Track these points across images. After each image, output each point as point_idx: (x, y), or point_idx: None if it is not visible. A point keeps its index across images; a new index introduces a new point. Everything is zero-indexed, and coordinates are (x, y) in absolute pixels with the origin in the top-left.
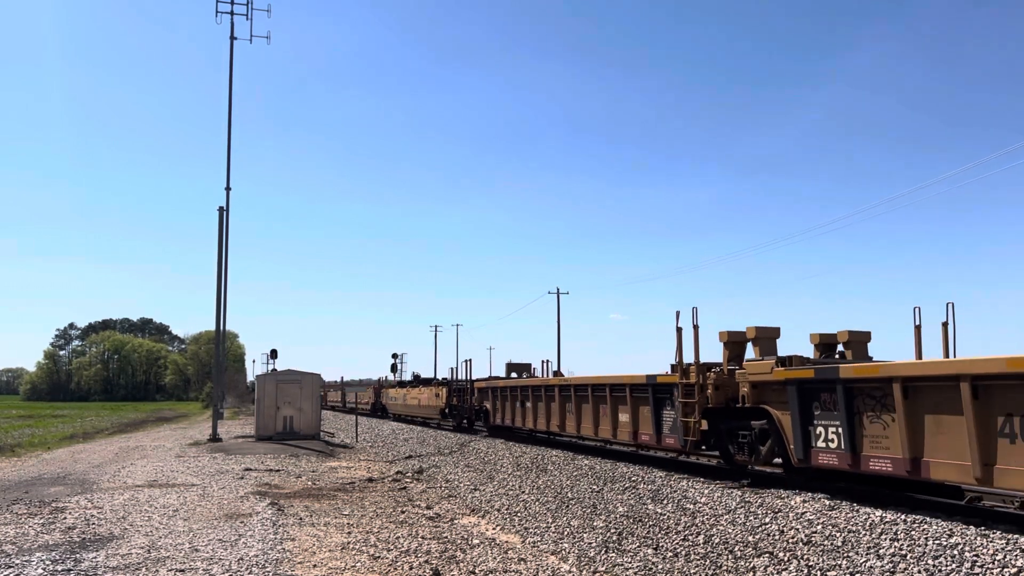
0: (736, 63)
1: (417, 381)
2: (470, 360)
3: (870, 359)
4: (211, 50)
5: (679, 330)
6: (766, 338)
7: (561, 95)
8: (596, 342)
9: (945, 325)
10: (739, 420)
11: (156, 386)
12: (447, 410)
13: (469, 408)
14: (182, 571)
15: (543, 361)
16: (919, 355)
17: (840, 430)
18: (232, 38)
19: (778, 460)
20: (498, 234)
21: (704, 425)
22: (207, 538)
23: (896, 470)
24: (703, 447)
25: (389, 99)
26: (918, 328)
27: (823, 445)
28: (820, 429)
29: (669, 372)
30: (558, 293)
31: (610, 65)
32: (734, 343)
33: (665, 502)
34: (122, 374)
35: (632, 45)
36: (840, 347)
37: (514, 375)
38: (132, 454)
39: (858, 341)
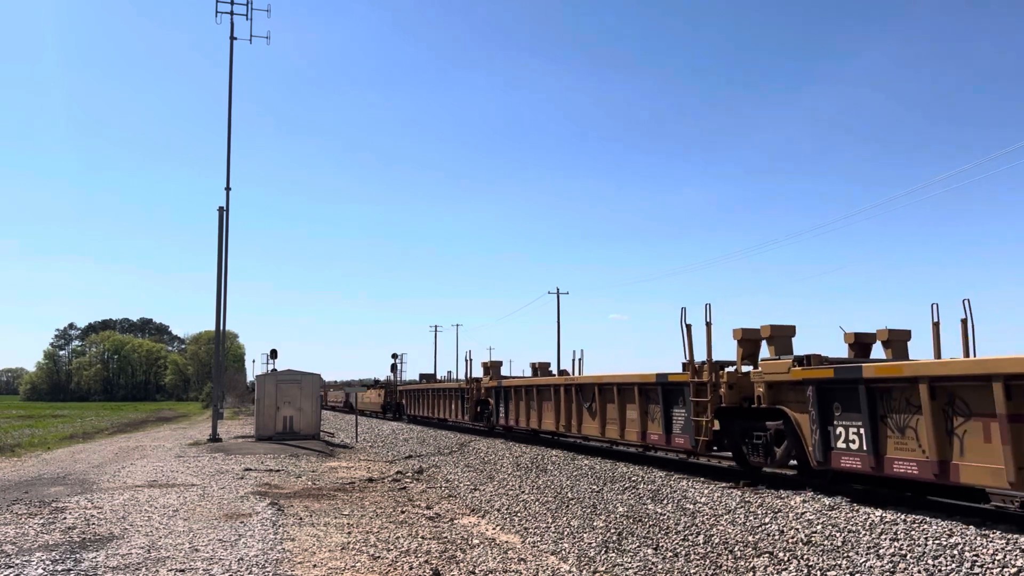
0: (735, 64)
1: (376, 384)
2: (395, 371)
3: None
4: (211, 50)
5: (481, 363)
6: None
7: (561, 95)
8: (596, 342)
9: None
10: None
11: (156, 386)
12: (385, 406)
13: (395, 404)
14: (182, 571)
15: (447, 371)
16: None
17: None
18: (232, 38)
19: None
20: (498, 234)
21: (478, 409)
22: (207, 538)
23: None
24: (476, 420)
25: (389, 99)
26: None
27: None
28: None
29: (484, 376)
30: (558, 293)
31: (610, 66)
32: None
33: (665, 502)
34: (122, 374)
35: (632, 46)
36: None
37: (425, 381)
38: (132, 454)
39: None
